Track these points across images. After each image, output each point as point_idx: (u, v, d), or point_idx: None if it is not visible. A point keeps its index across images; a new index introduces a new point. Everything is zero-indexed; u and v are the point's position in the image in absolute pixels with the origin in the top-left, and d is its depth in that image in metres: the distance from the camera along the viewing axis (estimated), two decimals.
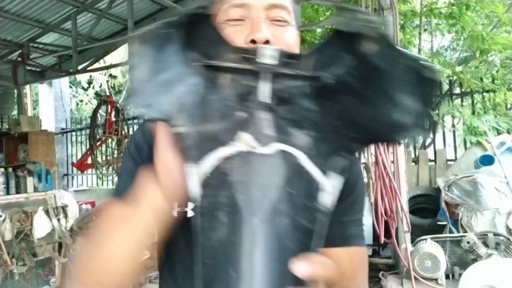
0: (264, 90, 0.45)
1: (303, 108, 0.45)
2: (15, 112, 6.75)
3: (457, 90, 5.20)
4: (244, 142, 0.43)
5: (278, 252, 0.42)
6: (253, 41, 0.56)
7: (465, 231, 2.72)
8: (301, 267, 0.39)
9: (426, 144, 5.29)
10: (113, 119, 5.33)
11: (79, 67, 5.51)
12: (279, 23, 0.59)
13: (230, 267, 0.41)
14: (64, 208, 3.48)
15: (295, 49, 0.62)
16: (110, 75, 10.62)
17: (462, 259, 2.42)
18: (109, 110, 5.29)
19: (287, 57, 0.45)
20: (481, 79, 4.63)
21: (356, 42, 0.44)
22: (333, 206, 0.55)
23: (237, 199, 0.42)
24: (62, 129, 6.87)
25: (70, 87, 9.05)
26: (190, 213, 0.43)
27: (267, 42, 0.56)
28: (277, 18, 0.59)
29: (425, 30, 6.09)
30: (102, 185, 7.14)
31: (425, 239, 2.46)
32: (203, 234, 0.42)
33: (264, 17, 0.58)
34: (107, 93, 9.49)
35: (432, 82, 0.43)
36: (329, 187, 0.44)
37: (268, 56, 0.44)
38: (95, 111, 5.38)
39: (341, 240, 0.65)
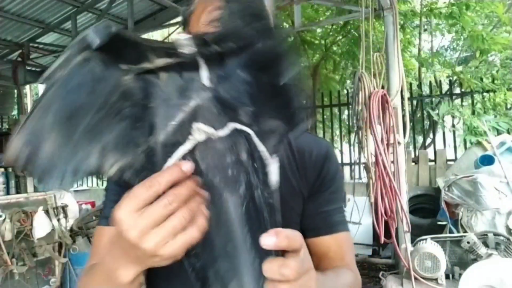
0: (202, 76, 0.44)
1: (240, 84, 0.45)
2: (15, 112, 6.75)
3: (457, 90, 5.21)
4: (200, 132, 0.43)
5: (259, 226, 0.43)
6: None
7: (465, 231, 2.72)
8: (268, 239, 0.39)
9: (426, 144, 5.29)
10: None
11: None
12: None
13: (226, 246, 0.43)
14: (64, 208, 3.48)
15: None
16: None
17: (462, 259, 2.42)
18: None
19: (203, 41, 0.44)
20: (481, 79, 4.63)
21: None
22: (312, 198, 0.64)
23: (214, 182, 0.43)
24: None
25: None
26: None
27: None
28: None
29: (425, 30, 6.10)
30: (102, 185, 7.15)
31: (425, 239, 2.46)
32: None
33: None
34: None
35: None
36: (275, 166, 0.46)
37: (186, 45, 0.42)
38: None
39: (327, 228, 0.70)
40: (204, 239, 0.42)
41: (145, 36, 6.80)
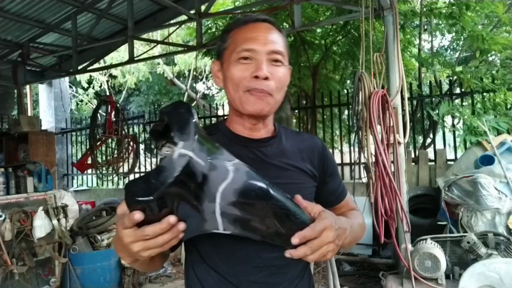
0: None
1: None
2: (15, 112, 6.75)
3: (457, 90, 5.20)
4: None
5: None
6: (256, 77, 0.82)
7: (465, 231, 2.72)
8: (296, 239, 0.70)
9: (426, 144, 5.29)
10: (113, 119, 5.32)
11: (79, 67, 5.51)
12: (276, 64, 0.86)
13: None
14: (64, 208, 3.48)
15: (286, 81, 0.89)
16: (110, 75, 10.62)
17: (462, 259, 2.42)
18: (109, 110, 5.29)
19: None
20: (481, 79, 4.62)
21: None
22: (324, 182, 1.00)
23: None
24: (62, 129, 6.87)
25: (70, 87, 9.06)
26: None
27: (266, 78, 0.83)
28: (274, 59, 0.85)
29: (425, 30, 6.09)
30: (102, 185, 7.15)
31: (425, 239, 2.46)
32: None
33: (266, 59, 0.84)
34: (107, 93, 9.54)
35: None
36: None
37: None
38: (95, 111, 5.37)
39: (338, 200, 1.05)
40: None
41: (145, 36, 6.80)
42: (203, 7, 4.60)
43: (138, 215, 0.60)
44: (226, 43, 0.88)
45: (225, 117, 1.01)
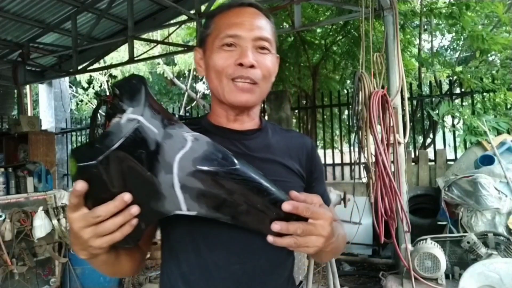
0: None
1: None
2: (15, 112, 6.75)
3: (457, 90, 5.21)
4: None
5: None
6: (241, 64, 0.76)
7: (465, 231, 2.72)
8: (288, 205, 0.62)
9: (426, 144, 5.29)
10: None
11: (79, 67, 5.51)
12: (262, 51, 0.79)
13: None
14: (64, 208, 3.48)
15: (273, 71, 0.83)
16: (110, 75, 10.61)
17: (462, 259, 2.42)
18: None
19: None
20: (481, 79, 4.62)
21: None
22: (311, 184, 0.90)
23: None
24: (62, 129, 6.87)
25: (70, 87, 9.06)
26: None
27: (252, 66, 0.76)
28: (261, 46, 0.79)
29: (425, 30, 6.09)
30: None
31: (425, 239, 2.46)
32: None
33: (251, 46, 0.77)
34: (107, 93, 9.53)
35: None
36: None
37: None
38: (95, 111, 5.37)
39: None
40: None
41: (145, 36, 6.80)
42: (203, 7, 4.61)
43: (81, 184, 0.54)
44: (209, 29, 0.82)
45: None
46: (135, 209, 0.58)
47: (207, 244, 0.75)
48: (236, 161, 0.63)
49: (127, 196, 0.56)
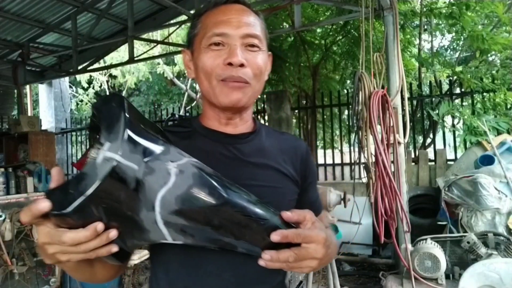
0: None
1: None
2: (15, 112, 6.75)
3: (457, 90, 5.21)
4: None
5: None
6: (230, 64, 0.72)
7: (465, 231, 2.72)
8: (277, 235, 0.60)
9: (426, 144, 5.29)
10: None
11: (79, 67, 5.51)
12: (252, 49, 0.75)
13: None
14: None
15: (265, 68, 0.79)
16: (110, 75, 10.61)
17: (462, 259, 2.42)
18: None
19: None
20: (481, 79, 4.63)
21: None
22: (305, 189, 0.87)
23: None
24: (62, 129, 6.87)
25: (70, 87, 9.06)
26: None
27: (241, 65, 0.72)
28: (250, 44, 0.75)
29: (425, 30, 6.09)
30: None
31: (425, 239, 2.46)
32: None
33: (240, 44, 0.74)
34: (107, 93, 9.52)
35: None
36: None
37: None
38: None
39: (315, 212, 0.82)
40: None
41: (145, 36, 6.80)
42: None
43: (43, 204, 0.51)
44: (196, 28, 0.79)
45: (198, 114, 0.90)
46: (113, 234, 0.54)
47: (197, 250, 0.69)
48: (223, 193, 0.60)
49: (99, 226, 0.52)
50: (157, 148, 0.58)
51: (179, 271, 0.73)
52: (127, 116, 0.56)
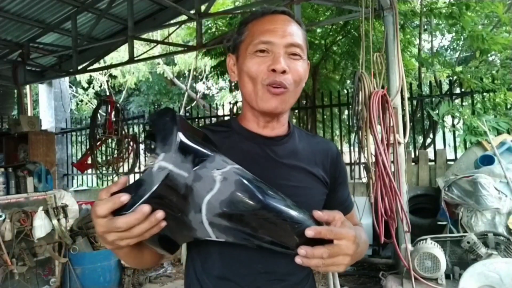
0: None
1: None
2: (15, 112, 6.75)
3: (457, 90, 5.20)
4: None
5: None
6: (273, 70, 0.78)
7: (465, 231, 2.72)
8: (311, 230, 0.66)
9: (426, 144, 5.29)
10: (113, 119, 5.32)
11: (79, 67, 5.51)
12: (294, 57, 0.81)
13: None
14: (64, 208, 3.48)
15: (305, 76, 0.85)
16: (110, 75, 10.62)
17: (462, 259, 2.42)
18: (109, 110, 5.29)
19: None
20: (481, 79, 4.62)
21: None
22: (335, 190, 0.94)
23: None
24: (62, 129, 6.87)
25: (70, 87, 9.06)
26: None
27: (284, 71, 0.78)
28: (293, 52, 0.81)
29: (425, 30, 6.09)
30: (102, 185, 7.15)
31: (425, 239, 2.46)
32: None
33: (283, 52, 0.79)
34: (107, 93, 9.53)
35: None
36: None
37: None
38: (95, 111, 5.37)
39: (346, 211, 0.97)
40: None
41: (145, 36, 6.80)
42: (203, 7, 4.60)
43: (125, 198, 0.58)
44: (243, 35, 0.84)
45: (235, 115, 0.96)
46: (160, 214, 0.59)
47: (230, 243, 0.76)
48: (262, 198, 0.66)
49: (146, 208, 0.57)
50: (204, 157, 0.66)
51: (215, 260, 0.81)
52: (179, 129, 0.64)
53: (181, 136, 0.63)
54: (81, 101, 11.32)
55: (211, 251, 0.82)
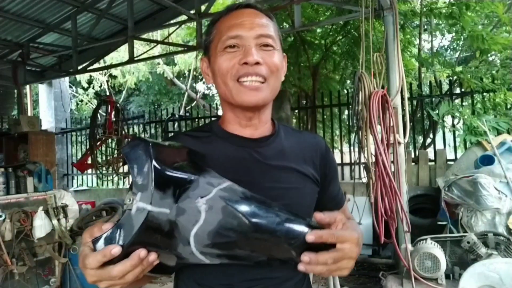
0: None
1: None
2: (15, 112, 6.75)
3: (457, 90, 5.20)
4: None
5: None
6: (245, 63, 0.74)
7: (465, 231, 2.71)
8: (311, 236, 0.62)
9: (426, 144, 5.29)
10: (113, 119, 5.32)
11: (79, 67, 5.51)
12: (266, 48, 0.77)
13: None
14: (64, 208, 3.48)
15: (281, 67, 0.81)
16: (110, 75, 10.61)
17: (462, 259, 2.42)
18: (109, 110, 5.29)
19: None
20: (481, 79, 4.62)
21: None
22: (326, 186, 0.90)
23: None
24: (62, 129, 6.87)
25: (70, 87, 9.05)
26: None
27: (257, 63, 0.75)
28: (264, 43, 0.77)
29: (425, 30, 6.09)
30: (102, 185, 7.15)
31: (425, 239, 2.46)
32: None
33: (254, 44, 0.76)
34: (107, 93, 9.54)
35: None
36: None
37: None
38: (95, 111, 5.37)
39: (338, 206, 0.95)
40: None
41: (145, 36, 6.80)
42: (203, 7, 4.60)
43: (116, 250, 0.56)
44: (211, 35, 0.82)
45: (217, 117, 0.92)
46: (152, 257, 0.58)
47: (227, 269, 0.74)
48: (252, 220, 0.62)
49: (143, 253, 0.56)
50: (186, 184, 0.62)
51: (206, 270, 0.77)
52: (154, 162, 0.59)
53: (157, 170, 0.58)
54: (81, 101, 11.31)
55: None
